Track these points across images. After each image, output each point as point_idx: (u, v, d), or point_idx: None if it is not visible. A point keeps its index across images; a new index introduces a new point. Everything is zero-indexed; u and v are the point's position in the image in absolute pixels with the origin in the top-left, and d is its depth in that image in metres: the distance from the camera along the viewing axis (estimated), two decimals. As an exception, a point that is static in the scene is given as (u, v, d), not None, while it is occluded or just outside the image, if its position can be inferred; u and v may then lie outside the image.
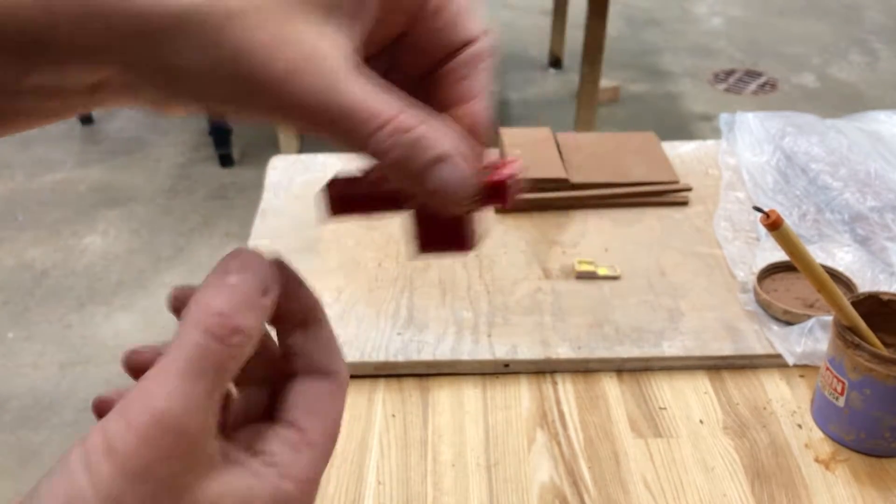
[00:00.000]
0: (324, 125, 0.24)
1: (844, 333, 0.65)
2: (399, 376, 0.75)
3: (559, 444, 0.68)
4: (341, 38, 0.24)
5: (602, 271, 0.85)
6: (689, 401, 0.72)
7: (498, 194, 0.28)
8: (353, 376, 0.75)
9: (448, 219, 0.28)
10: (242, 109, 0.25)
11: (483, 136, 0.28)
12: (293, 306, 0.28)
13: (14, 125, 0.26)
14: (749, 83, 3.29)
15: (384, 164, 0.25)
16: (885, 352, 0.65)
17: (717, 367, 0.76)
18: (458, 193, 0.26)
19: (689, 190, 0.98)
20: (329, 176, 0.31)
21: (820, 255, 0.84)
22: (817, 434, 0.69)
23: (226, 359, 0.24)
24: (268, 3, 0.23)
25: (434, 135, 0.25)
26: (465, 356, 0.75)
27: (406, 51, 0.28)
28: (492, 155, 0.29)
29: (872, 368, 0.63)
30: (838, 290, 0.66)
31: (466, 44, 0.27)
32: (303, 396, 0.28)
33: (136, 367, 0.29)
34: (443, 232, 0.30)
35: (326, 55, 0.24)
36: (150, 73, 0.24)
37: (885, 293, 0.69)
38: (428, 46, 0.27)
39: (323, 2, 0.24)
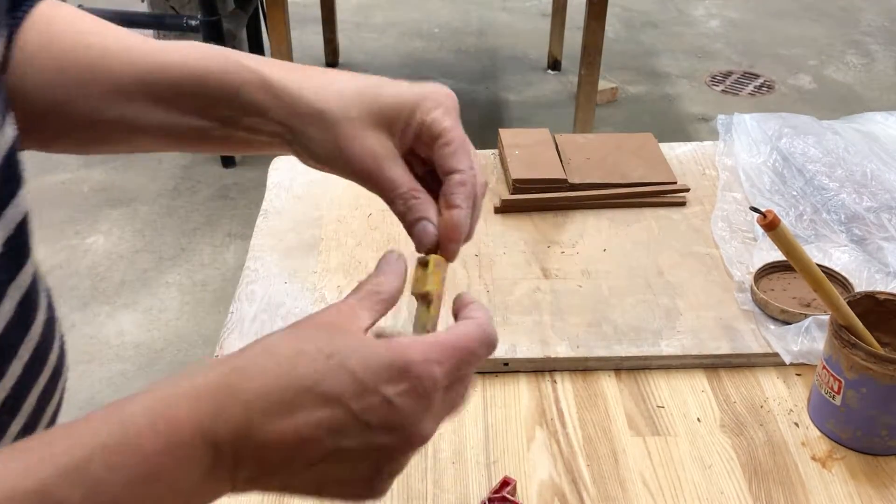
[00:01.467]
0: (374, 186, 0.48)
1: (841, 333, 0.65)
2: (400, 375, 0.76)
3: (558, 441, 0.69)
4: (389, 143, 0.48)
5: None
6: (686, 399, 0.73)
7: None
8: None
9: None
10: (336, 170, 0.48)
11: (456, 232, 0.47)
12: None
13: (234, 147, 0.52)
14: (746, 85, 3.30)
15: (395, 211, 0.48)
16: (881, 351, 0.66)
17: (714, 365, 0.76)
18: (423, 241, 0.48)
19: (686, 190, 0.99)
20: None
21: (816, 255, 0.85)
22: (814, 432, 0.70)
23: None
24: (354, 117, 0.47)
25: (424, 205, 0.47)
26: (465, 355, 0.76)
27: (429, 164, 0.49)
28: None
29: (868, 367, 0.64)
30: (835, 290, 0.66)
31: (457, 171, 0.47)
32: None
33: None
34: None
35: (378, 151, 0.47)
36: (296, 140, 0.48)
37: (881, 293, 0.70)
38: (438, 164, 0.48)
39: (382, 124, 0.47)
